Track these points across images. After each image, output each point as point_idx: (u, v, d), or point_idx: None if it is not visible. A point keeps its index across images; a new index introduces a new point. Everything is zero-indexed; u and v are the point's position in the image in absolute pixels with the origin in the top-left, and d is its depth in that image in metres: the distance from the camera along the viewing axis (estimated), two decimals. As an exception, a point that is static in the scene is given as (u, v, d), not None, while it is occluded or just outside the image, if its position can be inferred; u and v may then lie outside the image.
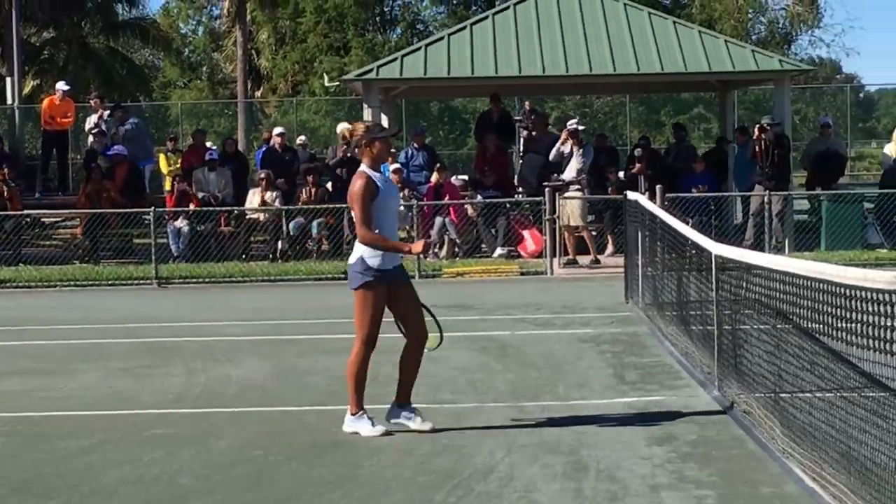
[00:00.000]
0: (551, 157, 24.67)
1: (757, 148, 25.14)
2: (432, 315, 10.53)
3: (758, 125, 25.81)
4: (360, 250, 10.06)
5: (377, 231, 10.02)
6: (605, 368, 13.45)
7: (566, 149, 24.46)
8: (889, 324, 7.06)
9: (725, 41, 28.24)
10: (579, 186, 24.27)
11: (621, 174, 27.06)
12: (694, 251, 13.25)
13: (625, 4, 28.77)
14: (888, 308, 7.05)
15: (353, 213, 10.18)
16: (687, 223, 18.27)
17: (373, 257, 9.98)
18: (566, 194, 24.05)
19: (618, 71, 26.79)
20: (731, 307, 11.24)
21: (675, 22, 28.86)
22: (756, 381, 10.23)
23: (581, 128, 25.88)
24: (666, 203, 20.83)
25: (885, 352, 7.14)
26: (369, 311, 10.06)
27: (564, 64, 26.66)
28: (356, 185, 10.03)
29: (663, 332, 15.09)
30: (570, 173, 24.29)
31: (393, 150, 28.43)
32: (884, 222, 25.22)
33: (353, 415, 10.30)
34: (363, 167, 10.15)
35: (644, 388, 12.26)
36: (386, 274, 10.07)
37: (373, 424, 10.22)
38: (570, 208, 23.91)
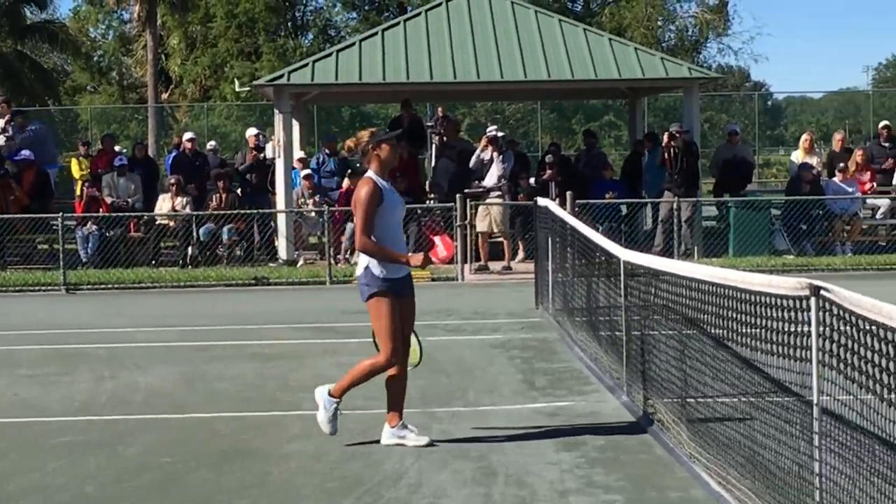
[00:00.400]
0: (471, 163, 24.75)
1: (666, 155, 25.35)
2: (413, 331, 10.43)
3: (667, 132, 26.03)
4: (365, 260, 9.86)
5: (380, 241, 9.77)
6: (515, 374, 13.50)
7: (486, 155, 24.58)
8: (792, 329, 7.15)
9: (635, 49, 28.42)
10: (500, 192, 24.37)
11: (532, 180, 27.17)
12: (603, 257, 13.33)
13: (536, 12, 28.88)
14: (792, 314, 7.14)
15: (354, 220, 9.93)
16: (597, 229, 18.40)
17: (379, 266, 9.76)
18: (488, 200, 24.14)
19: (528, 77, 26.86)
20: (640, 313, 11.31)
21: (585, 29, 28.99)
22: (664, 386, 10.30)
23: (500, 134, 25.99)
24: (576, 209, 20.97)
25: (788, 357, 7.22)
26: (387, 320, 9.85)
27: (476, 70, 26.71)
28: (362, 190, 9.72)
29: (573, 338, 15.17)
30: (490, 179, 24.38)
31: (304, 156, 28.40)
32: (790, 229, 25.53)
33: (392, 426, 10.08)
34: (370, 173, 9.84)
35: (553, 394, 12.31)
36: (395, 283, 9.87)
37: (416, 434, 10.02)
38: (493, 214, 24.01)
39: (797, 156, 28.21)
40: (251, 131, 29.02)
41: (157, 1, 50.65)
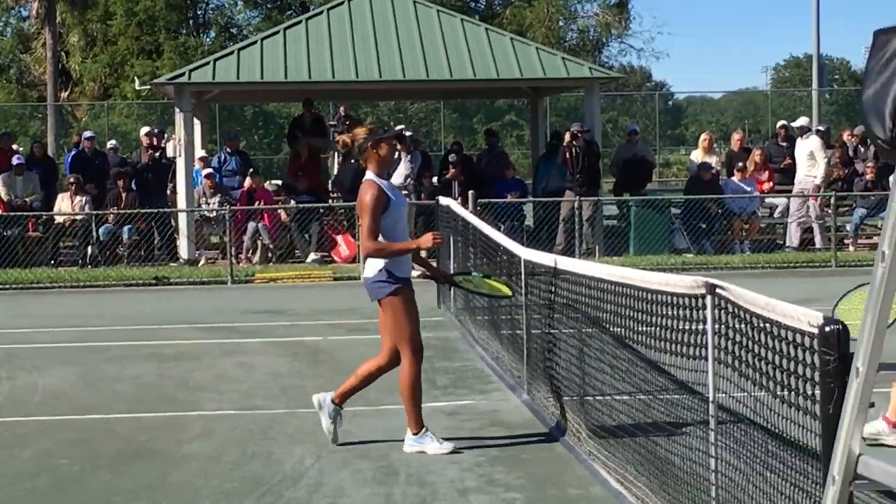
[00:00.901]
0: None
1: (567, 154, 25.49)
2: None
3: (568, 132, 26.18)
4: (378, 262, 9.56)
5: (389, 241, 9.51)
6: (417, 373, 13.49)
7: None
8: (689, 328, 7.22)
9: (537, 48, 28.55)
10: (407, 192, 24.39)
11: (435, 180, 27.22)
12: (504, 256, 13.37)
13: (438, 11, 28.92)
14: (689, 312, 7.21)
15: (360, 222, 9.66)
16: (499, 228, 18.44)
17: (395, 265, 9.49)
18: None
19: (431, 77, 26.90)
20: (541, 312, 11.36)
21: (487, 29, 29.08)
22: (564, 384, 10.35)
23: (408, 133, 26.02)
24: (478, 208, 21.01)
25: (686, 355, 7.29)
26: (405, 318, 9.69)
27: (378, 69, 26.69)
28: (367, 195, 9.34)
29: (475, 337, 15.21)
30: (397, 178, 24.37)
31: (205, 155, 28.21)
32: (690, 227, 25.77)
33: (415, 434, 9.74)
34: (370, 175, 9.44)
35: (454, 393, 12.35)
36: (409, 282, 9.70)
37: (439, 442, 9.69)
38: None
39: (696, 155, 28.48)
40: (144, 130, 28.88)
41: (56, -2, 50.15)
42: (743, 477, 6.56)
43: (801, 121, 28.04)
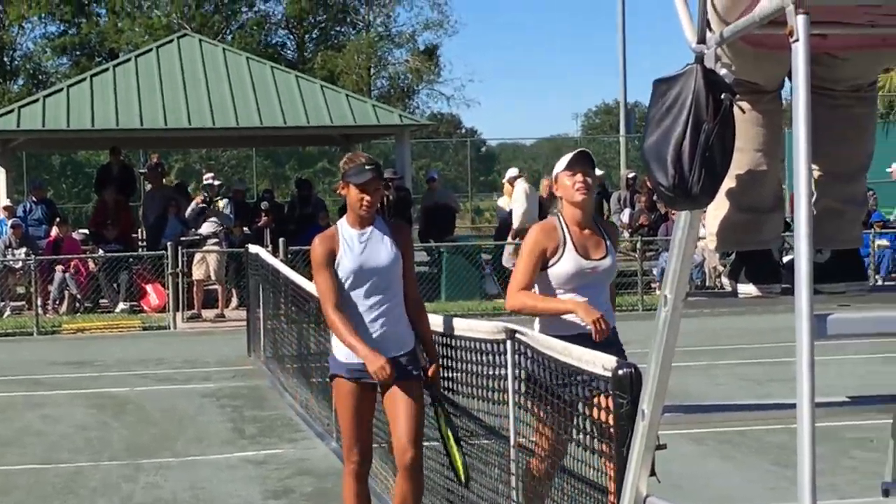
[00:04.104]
0: (187, 213, 24.54)
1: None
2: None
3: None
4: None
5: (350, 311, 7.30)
6: (225, 423, 13.39)
7: (204, 203, 24.41)
8: (491, 372, 7.28)
9: (347, 96, 28.67)
10: (217, 240, 24.19)
11: (246, 228, 27.05)
12: (313, 304, 13.32)
13: (248, 58, 28.88)
14: (490, 357, 7.27)
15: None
16: (310, 276, 18.32)
17: (337, 346, 7.41)
18: (205, 247, 23.95)
19: (241, 124, 26.82)
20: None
21: (297, 76, 29.11)
22: (374, 431, 10.32)
23: (217, 182, 25.81)
24: (290, 256, 20.92)
25: (489, 400, 7.35)
26: (341, 411, 7.66)
27: (187, 116, 26.52)
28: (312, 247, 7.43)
29: (284, 385, 15.13)
30: (207, 227, 24.18)
31: (9, 204, 27.68)
32: (500, 272, 25.98)
33: None
34: (342, 218, 7.53)
35: (263, 442, 12.26)
36: (355, 371, 7.32)
37: None
38: (209, 262, 23.82)
39: (504, 201, 28.78)
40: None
41: None
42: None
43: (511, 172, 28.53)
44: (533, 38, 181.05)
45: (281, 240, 21.77)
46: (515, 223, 26.34)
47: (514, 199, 26.90)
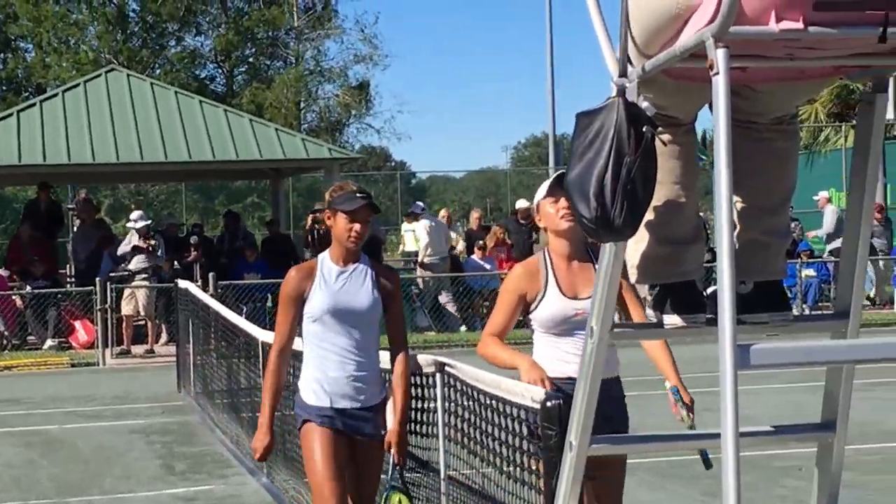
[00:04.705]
0: (119, 249, 24.42)
1: (309, 237, 25.49)
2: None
3: (310, 213, 26.22)
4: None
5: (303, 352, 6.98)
6: (155, 459, 13.31)
7: (134, 240, 24.28)
8: (422, 406, 7.29)
9: (276, 129, 28.64)
10: (146, 276, 24.07)
11: (176, 263, 26.93)
12: (243, 339, 13.30)
13: (176, 92, 28.83)
14: (422, 390, 7.28)
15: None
16: (241, 311, 18.34)
17: (305, 388, 6.85)
18: (133, 283, 23.82)
19: (169, 158, 26.71)
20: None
21: (226, 110, 29.07)
22: (297, 466, 10.30)
23: (148, 222, 25.66)
24: (220, 290, 20.86)
25: (418, 433, 7.35)
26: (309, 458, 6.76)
27: (115, 151, 26.38)
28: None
29: (215, 421, 15.06)
30: (137, 263, 24.07)
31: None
32: (430, 305, 26.02)
33: None
34: (325, 251, 7.01)
35: (192, 478, 12.19)
36: (325, 414, 6.72)
37: None
38: (138, 297, 23.70)
39: (410, 236, 28.90)
40: None
41: None
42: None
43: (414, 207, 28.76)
44: (463, 71, 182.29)
45: (211, 274, 21.73)
46: (420, 256, 26.59)
47: (418, 235, 27.18)
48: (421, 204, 29.81)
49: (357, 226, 6.63)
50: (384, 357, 6.95)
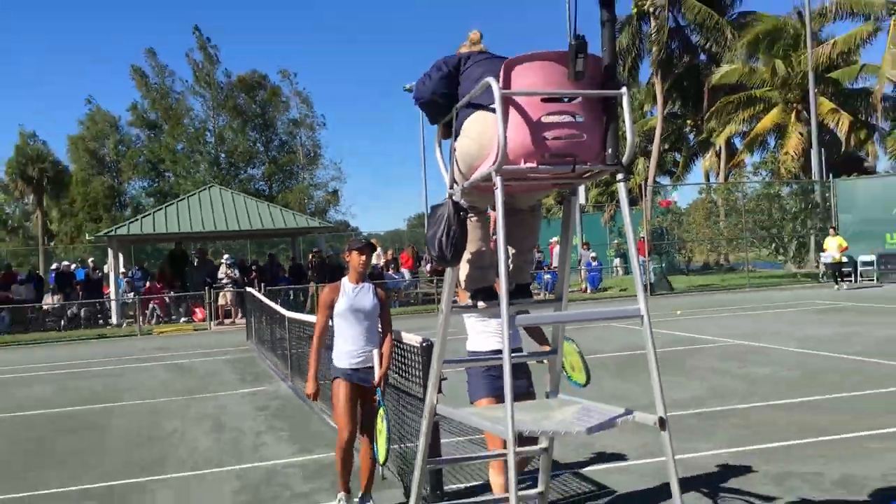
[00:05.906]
0: (219, 274, 23.69)
1: (310, 265, 24.81)
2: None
3: (311, 253, 25.51)
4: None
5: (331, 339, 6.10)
6: (235, 374, 12.63)
7: (224, 268, 23.54)
8: (401, 360, 6.27)
9: (293, 213, 27.95)
10: (229, 285, 23.38)
11: (245, 279, 26.16)
12: (278, 316, 12.85)
13: (244, 197, 28.12)
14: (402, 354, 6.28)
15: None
16: (277, 301, 17.75)
17: (337, 357, 5.92)
18: (224, 290, 23.13)
19: (241, 228, 25.98)
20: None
21: (269, 204, 28.32)
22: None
23: (232, 260, 24.85)
24: (265, 292, 20.21)
25: (400, 375, 6.22)
26: (336, 401, 5.86)
27: (213, 224, 25.61)
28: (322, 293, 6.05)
29: (264, 355, 14.51)
30: (225, 280, 23.34)
31: (124, 270, 26.35)
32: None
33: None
34: (345, 276, 6.01)
35: (254, 383, 11.64)
36: (346, 373, 5.88)
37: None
38: (227, 296, 22.98)
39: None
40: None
41: None
42: None
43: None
44: (390, 136, 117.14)
45: (262, 283, 21.16)
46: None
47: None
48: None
49: (363, 258, 5.85)
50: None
